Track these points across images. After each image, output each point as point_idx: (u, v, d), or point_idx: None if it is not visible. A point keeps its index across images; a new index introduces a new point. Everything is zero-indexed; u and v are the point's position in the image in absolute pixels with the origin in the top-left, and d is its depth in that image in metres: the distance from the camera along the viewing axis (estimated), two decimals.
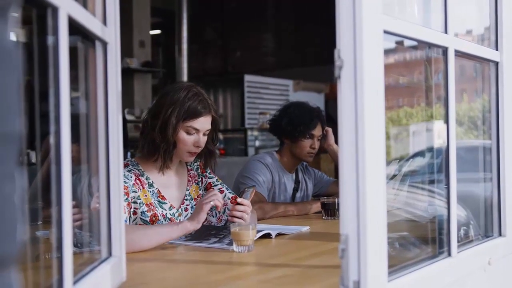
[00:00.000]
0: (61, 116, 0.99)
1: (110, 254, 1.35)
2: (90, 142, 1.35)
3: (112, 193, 1.36)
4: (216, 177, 2.43)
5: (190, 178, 2.36)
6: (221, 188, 2.39)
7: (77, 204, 1.26)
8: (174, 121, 2.13)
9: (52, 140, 1.00)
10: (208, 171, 2.43)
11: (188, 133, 2.18)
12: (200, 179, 2.39)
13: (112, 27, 1.36)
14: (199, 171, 2.40)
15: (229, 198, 2.33)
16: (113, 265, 1.32)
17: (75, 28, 1.09)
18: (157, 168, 2.23)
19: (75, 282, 1.06)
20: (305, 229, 2.31)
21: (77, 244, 1.31)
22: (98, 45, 1.31)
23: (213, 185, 2.40)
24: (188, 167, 2.38)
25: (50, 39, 0.99)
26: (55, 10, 0.98)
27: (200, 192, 2.37)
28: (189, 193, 2.32)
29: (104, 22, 1.33)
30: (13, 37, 0.59)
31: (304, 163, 3.14)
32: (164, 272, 1.63)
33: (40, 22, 1.00)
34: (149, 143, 2.18)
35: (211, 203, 1.98)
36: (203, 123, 2.20)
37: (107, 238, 1.35)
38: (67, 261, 0.99)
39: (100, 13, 1.32)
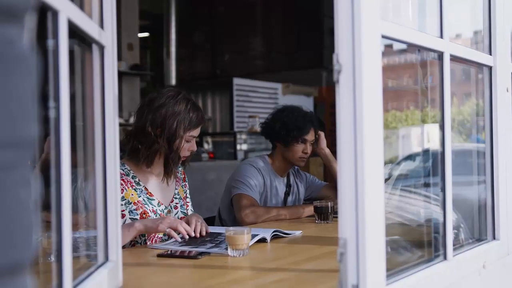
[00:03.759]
0: (61, 119, 0.98)
1: (107, 259, 1.34)
2: (85, 145, 1.34)
3: (109, 198, 1.35)
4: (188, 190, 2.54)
5: (177, 179, 2.45)
6: (188, 202, 2.49)
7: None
8: (182, 133, 2.24)
9: (51, 143, 0.99)
10: (185, 182, 2.52)
11: (188, 141, 2.28)
12: (184, 183, 2.50)
13: (109, 30, 1.35)
14: (182, 176, 2.51)
15: (178, 218, 2.37)
16: (110, 270, 1.31)
17: (72, 31, 1.08)
18: (153, 174, 2.32)
19: (74, 287, 1.05)
20: (298, 233, 2.31)
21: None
22: (95, 48, 1.31)
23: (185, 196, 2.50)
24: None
25: (50, 43, 0.99)
26: (55, 13, 0.97)
27: (185, 194, 2.47)
28: (178, 192, 2.42)
29: (101, 25, 1.32)
30: (28, 42, 0.58)
31: (296, 166, 3.14)
32: (160, 277, 1.62)
33: (39, 26, 1.00)
34: (154, 154, 2.24)
35: (167, 230, 2.05)
36: (199, 129, 2.33)
37: (104, 243, 1.34)
38: (67, 266, 0.98)
39: (97, 17, 1.31)
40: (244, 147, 7.36)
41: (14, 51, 0.56)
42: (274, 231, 2.17)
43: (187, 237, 2.07)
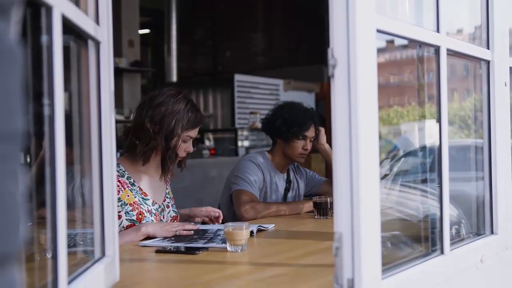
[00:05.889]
0: (55, 116, 0.98)
1: (103, 254, 1.35)
2: (82, 142, 1.35)
3: (105, 194, 1.35)
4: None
5: (168, 179, 2.46)
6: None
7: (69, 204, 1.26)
8: (180, 132, 2.24)
9: (46, 140, 0.99)
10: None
11: (185, 141, 2.29)
12: (169, 184, 2.51)
13: (104, 26, 1.35)
14: (169, 176, 2.51)
15: (171, 217, 2.41)
16: (107, 265, 1.32)
17: (67, 27, 1.08)
18: (147, 173, 2.33)
19: (69, 282, 1.06)
20: (271, 226, 2.34)
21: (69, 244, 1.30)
22: (90, 44, 1.31)
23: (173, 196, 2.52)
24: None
25: (43, 38, 0.99)
26: (49, 9, 0.97)
27: (172, 195, 2.49)
28: (168, 192, 2.44)
29: (97, 21, 1.32)
30: (15, 36, 0.59)
31: (296, 162, 3.14)
32: (158, 272, 1.62)
33: (33, 21, 1.00)
34: (151, 150, 2.26)
35: (176, 232, 2.12)
36: (197, 131, 2.34)
37: (101, 238, 1.34)
38: (62, 261, 0.99)
39: (92, 12, 1.31)
40: (246, 143, 7.35)
41: (1, 45, 0.56)
42: (258, 229, 2.21)
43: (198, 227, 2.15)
